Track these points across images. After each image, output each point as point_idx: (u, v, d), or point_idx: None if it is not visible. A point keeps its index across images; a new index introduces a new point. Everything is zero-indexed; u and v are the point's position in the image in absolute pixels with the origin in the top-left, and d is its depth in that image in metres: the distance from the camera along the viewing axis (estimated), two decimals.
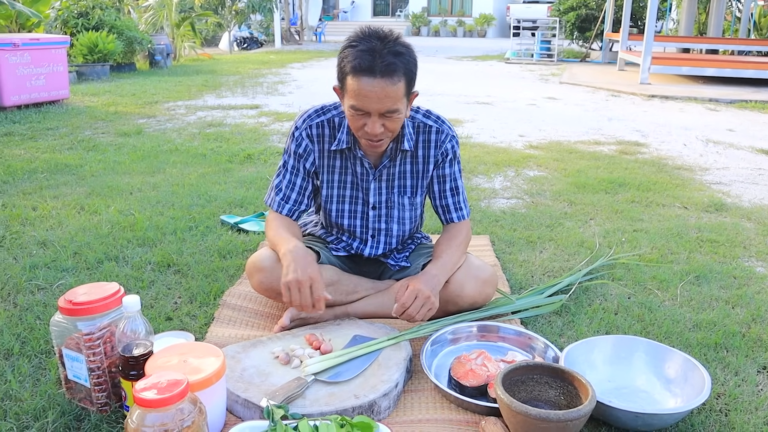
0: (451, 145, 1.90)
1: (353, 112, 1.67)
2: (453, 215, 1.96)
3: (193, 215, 2.92)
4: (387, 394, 1.50)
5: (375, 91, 1.60)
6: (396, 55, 1.61)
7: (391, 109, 1.64)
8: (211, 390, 1.35)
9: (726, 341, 1.88)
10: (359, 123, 1.69)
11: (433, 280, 1.73)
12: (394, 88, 1.61)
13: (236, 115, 6.02)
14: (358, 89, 1.62)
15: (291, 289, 1.63)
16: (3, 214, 2.88)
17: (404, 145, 1.84)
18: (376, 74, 1.59)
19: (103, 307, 1.46)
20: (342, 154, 1.89)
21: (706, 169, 4.20)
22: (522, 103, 7.35)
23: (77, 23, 9.06)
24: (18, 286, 2.14)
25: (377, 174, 1.89)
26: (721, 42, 12.82)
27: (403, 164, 1.90)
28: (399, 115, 1.68)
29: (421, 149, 1.89)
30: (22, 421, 1.44)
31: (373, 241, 1.98)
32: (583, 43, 15.72)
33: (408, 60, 1.64)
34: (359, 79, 1.61)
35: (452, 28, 27.71)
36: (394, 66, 1.60)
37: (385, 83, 1.60)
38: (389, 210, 1.95)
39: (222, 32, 17.04)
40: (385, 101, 1.62)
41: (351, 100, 1.65)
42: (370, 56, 1.60)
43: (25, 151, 4.19)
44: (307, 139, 1.87)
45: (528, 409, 1.30)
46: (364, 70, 1.60)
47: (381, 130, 1.68)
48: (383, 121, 1.67)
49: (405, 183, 1.93)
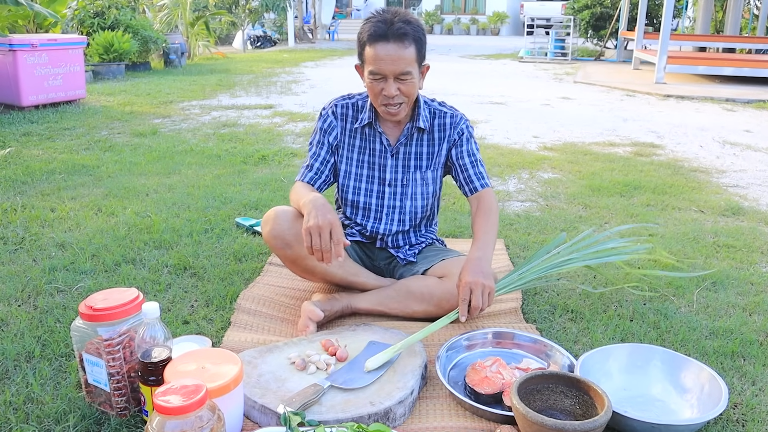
0: (465, 125, 2.06)
1: (371, 78, 1.87)
2: (476, 184, 2.04)
3: (209, 217, 2.95)
4: (402, 401, 1.50)
5: (389, 55, 1.82)
6: (406, 23, 1.83)
7: (404, 71, 1.83)
8: (229, 396, 1.37)
9: (743, 349, 1.87)
10: (377, 88, 1.88)
11: (479, 264, 1.79)
12: (405, 52, 1.82)
13: (250, 115, 6.05)
14: (374, 55, 1.83)
15: (312, 234, 1.70)
16: (22, 215, 2.92)
17: (419, 123, 2.01)
18: (390, 39, 1.81)
19: (123, 313, 1.48)
20: (363, 132, 2.06)
21: (722, 171, 4.16)
22: (536, 103, 7.32)
23: (93, 23, 9.14)
24: (38, 288, 2.17)
25: (394, 150, 2.04)
26: (739, 40, 12.68)
27: (419, 144, 2.05)
28: (412, 79, 1.87)
29: (436, 132, 2.05)
30: (44, 424, 1.46)
31: (387, 219, 2.09)
32: (598, 41, 15.61)
33: (417, 27, 1.86)
34: (375, 46, 1.83)
35: (465, 26, 27.62)
36: (404, 30, 1.82)
37: (397, 47, 1.81)
38: (404, 187, 2.07)
39: (236, 31, 17.11)
40: (398, 63, 1.82)
41: (369, 67, 1.86)
42: (384, 24, 1.83)
43: (43, 152, 4.24)
44: (332, 116, 2.07)
45: (544, 419, 1.30)
46: (379, 36, 1.82)
47: (397, 92, 1.86)
48: (398, 85, 1.86)
49: (421, 163, 2.06)
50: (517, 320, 2.01)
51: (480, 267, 1.78)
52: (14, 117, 5.43)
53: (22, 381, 1.63)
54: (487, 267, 1.80)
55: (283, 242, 1.91)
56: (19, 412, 1.50)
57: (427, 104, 2.06)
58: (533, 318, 2.05)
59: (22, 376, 1.65)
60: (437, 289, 1.93)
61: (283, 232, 1.90)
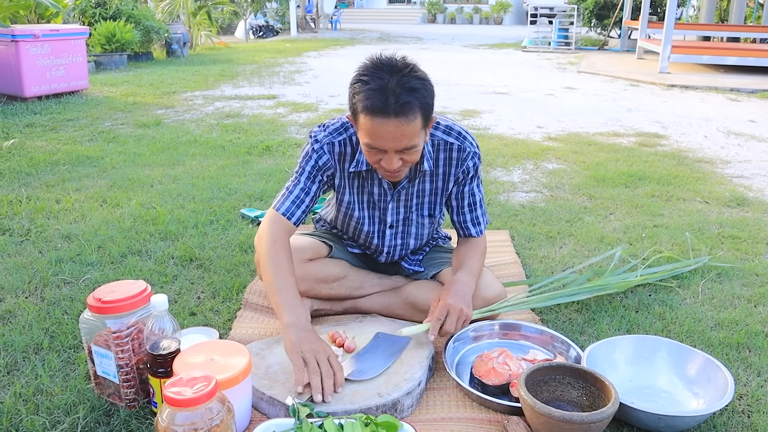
0: (473, 162, 1.82)
1: (368, 149, 1.60)
2: (471, 231, 1.92)
3: (214, 208, 2.95)
4: (410, 392, 1.51)
5: (390, 131, 1.52)
6: (410, 91, 1.51)
7: (408, 146, 1.56)
8: (238, 388, 1.38)
9: (748, 341, 1.87)
10: (375, 158, 1.62)
11: (463, 289, 1.72)
12: (409, 127, 1.52)
13: (254, 105, 6.04)
14: (371, 129, 1.53)
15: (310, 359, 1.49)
16: (28, 206, 2.93)
17: (423, 165, 1.76)
18: (390, 114, 1.49)
19: (131, 305, 1.48)
20: (359, 175, 1.82)
21: (727, 161, 4.15)
22: (540, 93, 7.30)
23: (95, 13, 9.11)
24: (45, 280, 2.18)
25: (395, 194, 1.83)
26: (743, 29, 12.61)
27: (422, 183, 1.84)
28: (417, 149, 1.60)
29: (441, 166, 1.81)
30: (54, 415, 1.48)
31: (387, 255, 1.98)
32: (602, 30, 15.54)
33: (424, 94, 1.54)
34: (372, 119, 1.52)
35: (468, 15, 27.49)
36: (408, 105, 1.50)
37: (399, 122, 1.50)
38: (406, 228, 1.92)
39: (238, 20, 17.05)
40: (401, 140, 1.54)
41: (365, 138, 1.58)
42: (382, 95, 1.50)
43: (46, 143, 4.24)
44: (327, 154, 1.78)
45: (551, 410, 1.30)
46: (377, 111, 1.50)
47: (399, 164, 1.60)
48: (400, 156, 1.59)
49: (423, 201, 1.88)
50: (524, 312, 2.02)
51: (463, 292, 1.71)
52: (17, 108, 5.43)
53: (31, 372, 1.64)
54: (470, 295, 1.73)
55: None
56: (29, 404, 1.51)
57: (431, 135, 1.77)
58: (539, 310, 2.05)
59: (31, 367, 1.66)
60: None
61: None
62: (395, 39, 16.86)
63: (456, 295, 1.70)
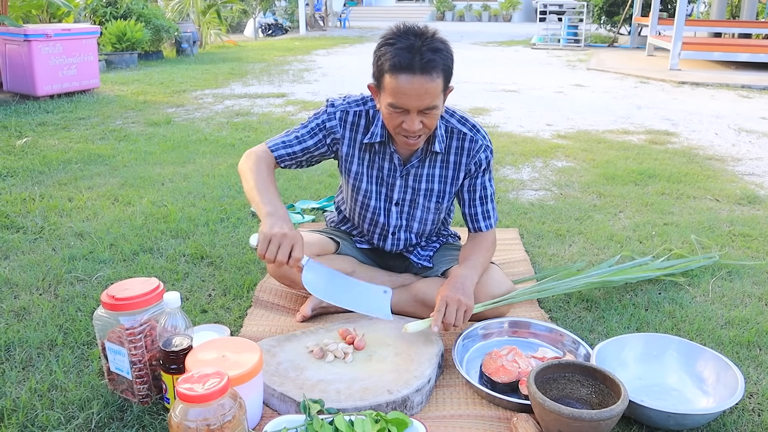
0: (485, 155, 1.88)
1: (391, 110, 1.67)
2: (480, 224, 1.94)
3: (224, 207, 2.97)
4: (420, 389, 1.52)
5: (415, 88, 1.60)
6: (434, 51, 1.61)
7: (430, 106, 1.64)
8: (250, 385, 1.39)
9: (759, 339, 1.87)
10: (397, 121, 1.69)
11: (463, 282, 1.73)
12: (433, 85, 1.61)
13: (263, 104, 6.06)
14: (397, 87, 1.61)
15: (272, 242, 1.56)
16: (41, 204, 2.96)
17: (435, 146, 1.83)
18: (416, 71, 1.59)
19: (145, 302, 1.50)
20: (372, 147, 1.88)
21: (738, 159, 4.13)
22: (549, 91, 7.27)
23: (105, 12, 9.16)
24: (58, 278, 2.21)
25: (404, 171, 1.88)
26: (755, 25, 12.51)
27: (432, 166, 1.89)
28: (437, 111, 1.68)
29: (453, 155, 1.88)
30: (69, 410, 1.50)
31: (393, 238, 2.00)
32: (611, 27, 15.45)
33: (446, 56, 1.64)
34: (398, 77, 1.60)
35: (477, 12, 27.40)
36: (433, 63, 1.60)
37: (424, 80, 1.59)
38: (412, 209, 1.95)
39: (247, 19, 17.08)
40: (424, 98, 1.62)
41: (389, 98, 1.65)
42: (409, 53, 1.59)
43: (59, 141, 4.28)
44: (339, 122, 1.86)
45: (561, 408, 1.31)
46: (404, 68, 1.59)
47: (419, 126, 1.68)
48: (421, 118, 1.67)
49: (432, 187, 1.91)
50: (533, 309, 2.02)
51: (462, 284, 1.72)
52: (30, 107, 5.48)
53: (46, 368, 1.66)
54: (470, 287, 1.73)
55: (289, 281, 1.94)
56: (44, 399, 1.54)
57: (445, 120, 1.86)
58: (549, 307, 2.06)
59: (45, 363, 1.69)
60: None
61: (287, 272, 1.90)
62: None
63: (453, 287, 1.71)
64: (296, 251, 1.58)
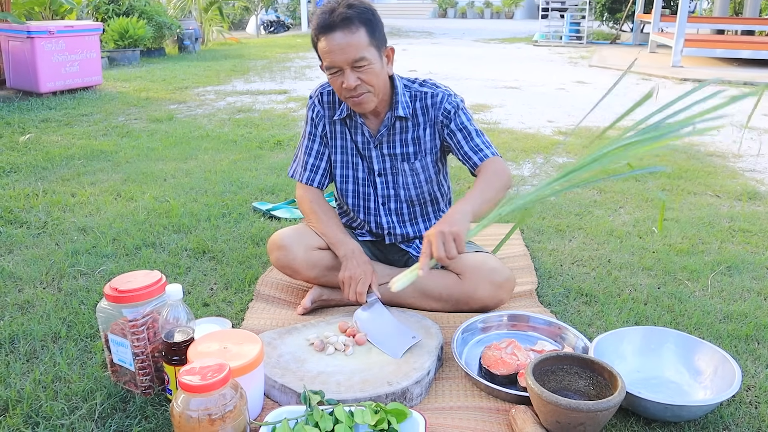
0: (449, 102, 1.91)
1: (330, 74, 1.79)
2: (475, 158, 1.88)
3: (226, 202, 2.98)
4: (419, 381, 1.54)
5: (337, 43, 1.72)
6: (349, 6, 1.73)
7: (358, 58, 1.73)
8: (251, 376, 1.41)
9: (757, 333, 1.88)
10: (338, 83, 1.79)
11: (449, 217, 1.65)
12: (354, 37, 1.72)
13: (265, 100, 6.07)
14: (324, 47, 1.75)
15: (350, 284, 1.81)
16: (44, 200, 2.98)
17: (398, 111, 1.90)
18: (335, 28, 1.72)
19: (147, 294, 1.52)
20: (344, 123, 1.98)
21: (739, 155, 4.13)
22: (551, 88, 7.27)
23: (108, 9, 9.18)
24: (62, 272, 2.22)
25: (376, 142, 1.96)
26: (758, 22, 12.47)
27: (403, 131, 1.94)
28: (371, 66, 1.76)
29: (420, 116, 1.93)
30: (72, 402, 1.52)
31: (384, 209, 2.03)
32: (614, 24, 15.41)
33: (362, 9, 1.75)
34: (323, 38, 1.74)
35: (479, 9, 27.35)
36: (348, 15, 1.72)
37: (344, 34, 1.72)
38: (395, 176, 2.00)
39: (249, 16, 17.09)
40: (348, 50, 1.72)
41: (324, 62, 1.78)
42: (326, 14, 1.74)
43: (61, 138, 4.30)
44: (318, 105, 2.00)
45: (558, 399, 1.32)
46: (325, 27, 1.73)
47: (357, 82, 1.76)
48: (357, 74, 1.76)
49: (407, 150, 1.96)
50: (532, 303, 2.04)
51: (448, 219, 1.64)
52: (33, 103, 5.50)
53: (50, 360, 1.68)
54: (459, 217, 1.64)
55: (291, 270, 1.97)
56: (48, 390, 1.55)
57: (408, 87, 1.94)
58: (548, 301, 2.07)
59: (49, 355, 1.70)
60: (455, 290, 1.92)
61: (290, 262, 1.95)
62: (406, 33, 16.83)
63: (438, 224, 1.63)
64: (360, 286, 1.80)
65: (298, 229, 2.02)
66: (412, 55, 10.90)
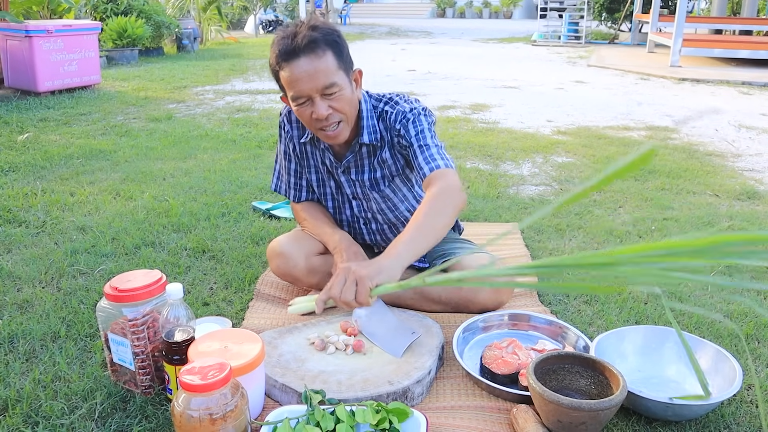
0: (399, 119, 1.77)
1: (297, 105, 1.66)
2: (425, 169, 1.71)
3: (226, 201, 2.98)
4: (420, 380, 1.53)
5: (304, 70, 1.59)
6: (313, 29, 1.61)
7: (328, 84, 1.61)
8: (252, 375, 1.40)
9: (758, 332, 1.88)
10: (307, 113, 1.66)
11: (380, 261, 1.51)
12: (321, 61, 1.59)
13: (264, 100, 6.06)
14: (289, 77, 1.61)
15: None
16: (43, 199, 2.97)
17: (363, 138, 1.79)
18: (300, 54, 1.59)
19: (147, 294, 1.51)
20: (312, 145, 1.91)
21: (738, 155, 4.14)
22: (549, 87, 7.28)
23: (106, 8, 9.17)
24: (61, 271, 2.22)
25: (343, 168, 1.87)
26: (756, 22, 12.49)
27: (370, 155, 1.85)
28: (341, 92, 1.64)
29: (386, 138, 1.83)
30: (72, 401, 1.51)
31: (366, 229, 2.01)
32: (612, 24, 15.44)
33: (327, 31, 1.63)
34: (286, 67, 1.61)
35: (478, 9, 27.37)
36: (313, 38, 1.59)
37: (309, 59, 1.59)
38: (368, 202, 1.94)
39: (247, 16, 17.07)
40: (317, 77, 1.60)
41: (290, 92, 1.64)
42: (289, 40, 1.61)
43: (60, 137, 4.29)
44: (288, 124, 1.93)
45: (560, 398, 1.32)
46: (288, 54, 1.60)
47: (328, 111, 1.64)
48: (328, 102, 1.64)
49: (375, 175, 1.88)
50: (533, 302, 2.03)
51: (375, 261, 1.50)
52: (31, 103, 5.49)
53: (50, 360, 1.68)
54: (387, 264, 1.49)
55: (292, 278, 1.98)
56: (47, 390, 1.55)
57: (375, 108, 1.81)
58: (548, 300, 2.07)
59: (49, 355, 1.70)
60: (455, 295, 1.90)
61: (290, 270, 1.95)
62: (404, 33, 16.83)
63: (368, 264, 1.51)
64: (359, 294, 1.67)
65: (296, 235, 2.02)
66: (410, 55, 10.90)
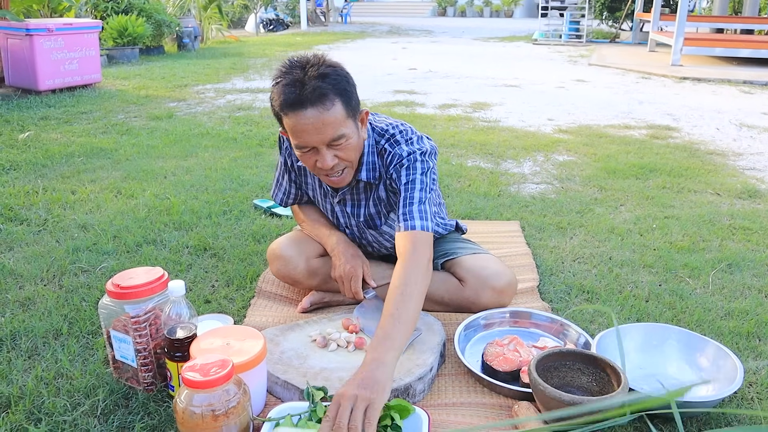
0: (395, 163, 1.69)
1: (300, 151, 1.59)
2: (401, 225, 1.64)
3: (227, 199, 2.98)
4: (422, 377, 1.54)
5: (311, 123, 1.50)
6: (322, 77, 1.49)
7: (336, 136, 1.53)
8: (254, 372, 1.41)
9: (758, 330, 1.88)
10: (311, 161, 1.60)
11: (366, 372, 1.33)
12: (330, 113, 1.50)
13: (264, 98, 6.06)
14: (294, 126, 1.52)
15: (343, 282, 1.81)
16: (44, 197, 2.97)
17: (361, 175, 1.73)
18: (306, 105, 1.48)
19: (149, 291, 1.51)
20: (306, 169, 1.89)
21: (739, 154, 4.14)
22: (550, 86, 7.27)
23: (107, 7, 9.17)
24: (63, 269, 2.22)
25: (339, 198, 1.85)
26: (757, 21, 12.48)
27: (366, 191, 1.81)
28: (349, 142, 1.57)
29: (383, 175, 1.76)
30: (75, 398, 1.51)
31: (364, 250, 1.99)
32: (613, 23, 15.42)
33: (337, 78, 1.52)
34: (291, 116, 1.51)
35: (479, 8, 27.36)
36: (321, 90, 1.48)
37: (317, 111, 1.49)
38: (361, 232, 1.93)
39: (248, 14, 17.06)
40: (325, 130, 1.51)
41: (294, 140, 1.56)
42: (294, 88, 1.49)
43: (61, 135, 4.29)
44: (287, 141, 1.87)
45: (562, 395, 1.32)
46: (293, 105, 1.49)
47: (334, 161, 1.57)
48: (334, 152, 1.56)
49: (370, 211, 1.85)
50: (534, 300, 2.04)
51: (366, 375, 1.31)
52: (32, 101, 5.49)
53: (52, 357, 1.68)
54: (381, 375, 1.31)
55: (292, 281, 1.98)
56: (50, 387, 1.55)
57: (378, 143, 1.72)
58: (549, 298, 2.07)
59: (51, 352, 1.70)
60: (456, 296, 1.89)
61: (291, 273, 1.95)
62: (405, 32, 16.83)
63: (352, 382, 1.31)
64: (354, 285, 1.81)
65: (296, 237, 2.02)
66: (411, 54, 10.90)
